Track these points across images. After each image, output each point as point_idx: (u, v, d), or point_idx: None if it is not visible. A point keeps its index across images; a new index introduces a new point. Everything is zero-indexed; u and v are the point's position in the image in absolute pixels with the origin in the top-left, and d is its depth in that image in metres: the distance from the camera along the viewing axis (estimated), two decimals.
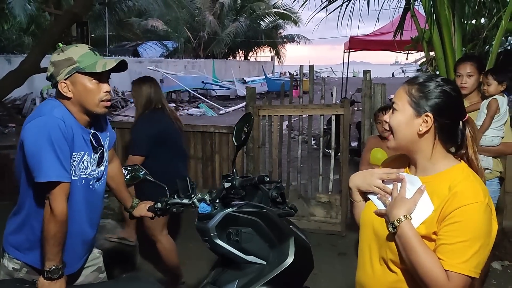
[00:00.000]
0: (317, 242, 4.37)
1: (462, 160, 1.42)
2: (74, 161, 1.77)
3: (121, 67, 1.83)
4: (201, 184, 5.23)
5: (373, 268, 1.46)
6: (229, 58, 29.59)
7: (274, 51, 31.19)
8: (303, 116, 5.16)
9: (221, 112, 16.00)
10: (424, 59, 4.55)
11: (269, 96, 5.49)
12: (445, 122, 1.36)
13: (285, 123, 5.42)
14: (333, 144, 4.90)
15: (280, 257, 1.90)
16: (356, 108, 8.43)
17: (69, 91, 1.77)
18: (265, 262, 1.88)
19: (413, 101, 1.36)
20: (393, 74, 41.33)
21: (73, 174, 1.76)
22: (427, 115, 1.34)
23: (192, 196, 1.96)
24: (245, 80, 21.74)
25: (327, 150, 5.41)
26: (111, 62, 1.79)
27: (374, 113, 3.83)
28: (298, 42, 31.31)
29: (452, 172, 1.37)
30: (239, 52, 31.29)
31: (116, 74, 3.91)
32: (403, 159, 1.50)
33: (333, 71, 31.35)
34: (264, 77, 22.31)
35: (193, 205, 1.94)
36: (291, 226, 2.12)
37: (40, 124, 1.68)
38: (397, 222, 1.32)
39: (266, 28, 29.51)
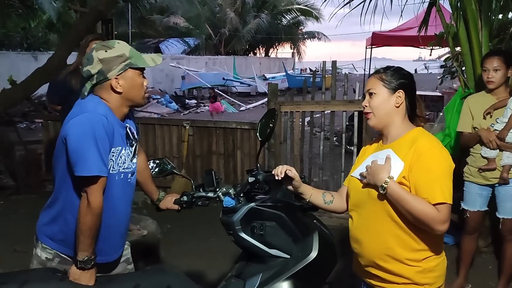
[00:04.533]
0: (339, 238, 4.35)
1: (418, 126, 1.83)
2: (113, 155, 1.82)
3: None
4: (223, 180, 5.27)
5: (368, 224, 1.78)
6: (249, 55, 29.59)
7: (295, 48, 31.05)
8: (325, 113, 5.14)
9: (241, 108, 16.03)
10: (448, 55, 4.47)
11: (291, 92, 5.49)
12: (411, 95, 1.80)
13: (307, 119, 5.41)
14: (355, 140, 4.87)
15: (304, 252, 1.92)
16: None
17: (120, 86, 1.82)
18: (288, 256, 1.90)
19: (386, 83, 1.78)
20: (415, 70, 40.67)
21: (111, 168, 1.81)
22: (399, 92, 1.77)
23: (217, 189, 1.99)
24: (265, 77, 21.72)
25: (349, 147, 5.38)
26: (157, 57, 1.92)
27: None
28: (319, 39, 31.09)
29: (412, 133, 1.78)
30: (259, 49, 31.25)
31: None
32: (378, 139, 1.90)
33: (354, 68, 31.05)
34: (284, 73, 22.24)
35: (218, 199, 1.97)
36: (315, 221, 2.13)
37: (85, 120, 1.73)
38: (385, 184, 1.66)
39: (287, 25, 29.38)
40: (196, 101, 17.21)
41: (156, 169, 2.22)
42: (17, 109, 7.24)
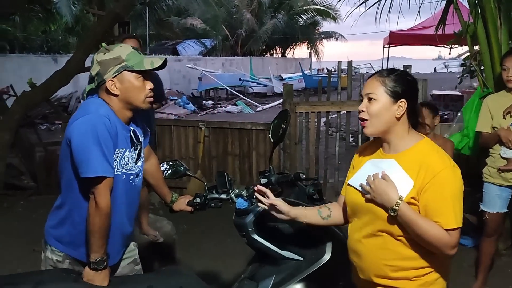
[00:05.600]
0: None
1: (424, 135, 1.67)
2: (117, 156, 1.82)
3: (162, 64, 1.88)
4: (238, 181, 5.27)
5: (368, 238, 1.65)
6: (266, 55, 29.58)
7: (312, 48, 30.92)
8: (341, 113, 5.11)
9: (258, 109, 16.03)
10: (467, 54, 4.38)
11: (306, 93, 5.47)
12: (413, 104, 1.64)
13: (323, 120, 5.38)
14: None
15: (317, 254, 1.90)
16: None
17: (117, 88, 1.82)
18: (302, 258, 1.89)
19: (389, 90, 1.59)
20: (435, 69, 40.08)
21: (116, 169, 1.81)
22: (401, 101, 1.59)
23: (230, 191, 1.99)
24: (282, 77, 21.67)
25: None
26: (157, 59, 1.85)
27: None
28: (336, 38, 30.90)
29: (419, 147, 1.62)
30: (276, 49, 31.22)
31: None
32: (377, 142, 1.71)
33: (372, 67, 30.75)
34: (301, 73, 22.16)
35: (230, 200, 1.97)
36: None
37: (87, 121, 1.74)
38: (396, 206, 1.52)
39: (303, 25, 29.28)
40: (213, 102, 17.28)
41: (169, 171, 2.23)
42: (38, 111, 7.38)
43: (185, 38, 24.65)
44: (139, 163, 1.97)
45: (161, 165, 2.24)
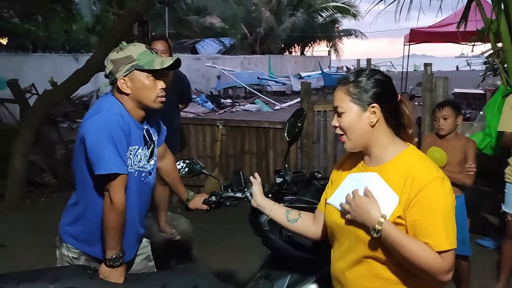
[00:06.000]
0: None
1: (408, 143, 1.49)
2: (131, 154, 1.84)
3: (176, 64, 1.88)
4: None
5: (352, 266, 1.48)
6: (285, 54, 29.50)
7: (331, 46, 30.70)
8: None
9: (276, 107, 15.99)
10: (491, 51, 4.28)
11: (324, 91, 5.43)
12: (389, 106, 1.45)
13: None
14: None
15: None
16: (416, 103, 8.14)
17: (128, 87, 1.84)
18: (317, 258, 1.87)
19: (355, 98, 1.43)
20: (457, 67, 39.35)
21: (129, 166, 1.83)
22: (373, 106, 1.42)
23: (245, 190, 1.98)
24: (301, 75, 21.58)
25: None
26: (168, 59, 1.85)
27: (433, 109, 3.67)
28: (356, 36, 30.61)
29: (403, 156, 1.44)
30: (295, 47, 31.11)
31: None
32: (357, 155, 1.53)
33: (392, 65, 30.37)
34: (320, 72, 22.04)
35: (246, 199, 1.96)
36: None
37: (101, 119, 1.76)
38: (378, 225, 1.33)
39: (323, 23, 29.09)
40: (231, 101, 17.32)
41: (186, 169, 2.23)
42: (59, 109, 7.50)
43: (204, 37, 24.76)
44: (152, 162, 1.98)
45: (177, 163, 2.24)
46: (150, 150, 1.95)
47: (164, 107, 1.94)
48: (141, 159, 1.89)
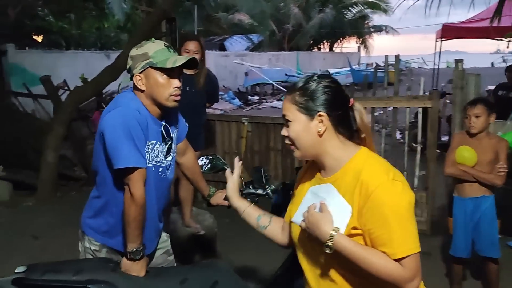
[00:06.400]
0: None
1: (361, 146, 1.41)
2: (148, 148, 1.86)
3: (192, 64, 1.88)
4: (280, 176, 5.26)
5: (324, 283, 1.41)
6: (313, 50, 29.26)
7: (361, 42, 30.25)
8: (389, 109, 4.96)
9: None
10: None
11: (351, 88, 5.36)
12: (338, 114, 1.36)
13: (370, 116, 5.26)
14: (419, 138, 4.65)
15: None
16: (448, 101, 7.93)
17: (143, 84, 1.86)
18: None
19: (301, 107, 1.36)
20: (492, 64, 38.08)
21: (147, 161, 1.85)
22: (320, 115, 1.35)
23: (267, 186, 1.98)
24: (329, 72, 21.37)
25: (414, 145, 5.15)
26: (180, 59, 1.84)
27: (464, 106, 3.56)
28: (387, 32, 30.04)
29: (353, 162, 1.36)
30: (324, 44, 30.81)
31: None
32: (315, 165, 1.47)
33: (424, 62, 29.72)
34: (349, 68, 21.76)
35: (267, 196, 1.96)
36: None
37: (118, 114, 1.79)
38: (329, 241, 1.27)
39: (352, 18, 28.69)
40: (258, 97, 17.31)
41: (209, 165, 2.25)
42: (90, 105, 7.68)
43: (233, 33, 24.83)
44: (169, 158, 1.99)
45: (200, 159, 2.26)
46: (167, 146, 1.96)
47: (193, 106, 1.95)
48: (158, 154, 1.91)
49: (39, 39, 14.63)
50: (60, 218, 4.86)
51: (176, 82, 1.86)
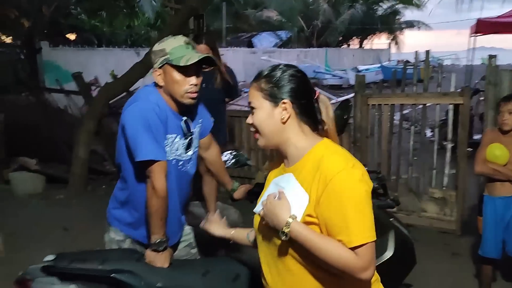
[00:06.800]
0: (428, 240, 4.12)
1: (324, 137, 1.42)
2: (168, 142, 1.89)
3: (208, 62, 1.89)
4: None
5: (280, 276, 1.41)
6: (342, 46, 28.94)
7: (392, 38, 29.70)
8: (419, 106, 4.86)
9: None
10: None
11: (379, 84, 5.27)
12: (302, 102, 1.38)
13: (399, 113, 5.16)
14: (449, 136, 4.54)
15: (379, 250, 1.83)
16: (481, 98, 7.69)
17: (161, 80, 1.89)
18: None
19: (266, 94, 1.38)
20: None
21: (167, 154, 1.87)
22: (284, 102, 1.37)
23: None
24: (358, 69, 21.11)
25: (444, 143, 5.03)
26: (194, 57, 1.84)
27: (497, 102, 3.45)
28: (419, 28, 29.38)
29: (314, 151, 1.37)
30: (353, 40, 30.43)
31: (231, 65, 4.08)
32: (281, 158, 1.48)
33: (458, 58, 28.93)
34: (379, 65, 21.43)
35: None
36: (391, 219, 2.03)
37: (137, 108, 1.83)
38: (286, 227, 1.27)
39: (383, 14, 28.21)
40: None
41: (233, 160, 2.28)
42: (120, 101, 7.83)
43: (261, 30, 24.84)
44: (190, 152, 2.01)
45: (224, 155, 2.29)
46: (187, 140, 1.98)
47: (211, 103, 1.97)
48: (178, 148, 1.94)
49: (72, 37, 15.04)
50: (90, 211, 4.99)
51: (193, 79, 1.87)
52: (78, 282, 1.73)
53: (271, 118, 1.38)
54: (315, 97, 1.43)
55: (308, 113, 1.40)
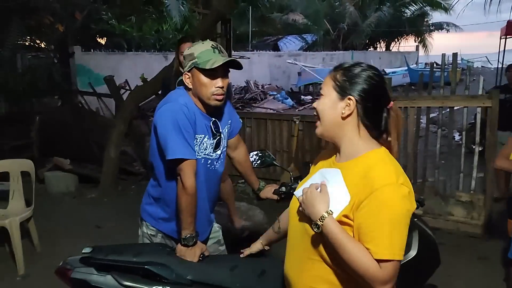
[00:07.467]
0: (455, 243, 4.09)
1: (383, 146, 1.41)
2: (197, 141, 1.98)
3: (235, 66, 1.97)
4: None
5: (301, 262, 1.44)
6: (369, 49, 28.64)
7: (419, 40, 29.21)
8: (446, 109, 4.82)
9: None
10: None
11: (406, 87, 5.25)
12: (368, 105, 1.37)
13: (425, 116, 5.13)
14: (477, 139, 4.49)
15: None
16: None
17: (190, 82, 1.98)
18: None
19: (337, 85, 1.39)
20: None
21: (196, 153, 1.96)
22: (349, 98, 1.37)
23: None
24: (385, 72, 20.89)
25: (473, 146, 4.97)
26: (219, 60, 1.91)
27: None
28: (448, 30, 28.79)
29: (369, 156, 1.37)
30: (380, 43, 30.06)
31: (257, 69, 4.15)
32: (333, 150, 1.50)
33: (488, 61, 28.25)
34: (406, 68, 21.15)
35: None
36: (415, 220, 2.05)
37: (168, 109, 1.93)
38: (320, 221, 1.29)
39: (411, 16, 27.78)
40: (311, 97, 17.24)
41: (258, 161, 2.34)
42: (149, 104, 8.02)
43: (287, 33, 24.85)
44: (218, 152, 2.09)
45: (250, 155, 2.36)
46: (216, 140, 2.07)
47: None
48: (207, 147, 2.03)
49: (103, 41, 15.42)
50: (121, 210, 5.15)
51: (218, 82, 1.94)
52: (114, 272, 1.83)
53: (333, 109, 1.39)
54: (388, 106, 1.41)
55: (371, 118, 1.39)
